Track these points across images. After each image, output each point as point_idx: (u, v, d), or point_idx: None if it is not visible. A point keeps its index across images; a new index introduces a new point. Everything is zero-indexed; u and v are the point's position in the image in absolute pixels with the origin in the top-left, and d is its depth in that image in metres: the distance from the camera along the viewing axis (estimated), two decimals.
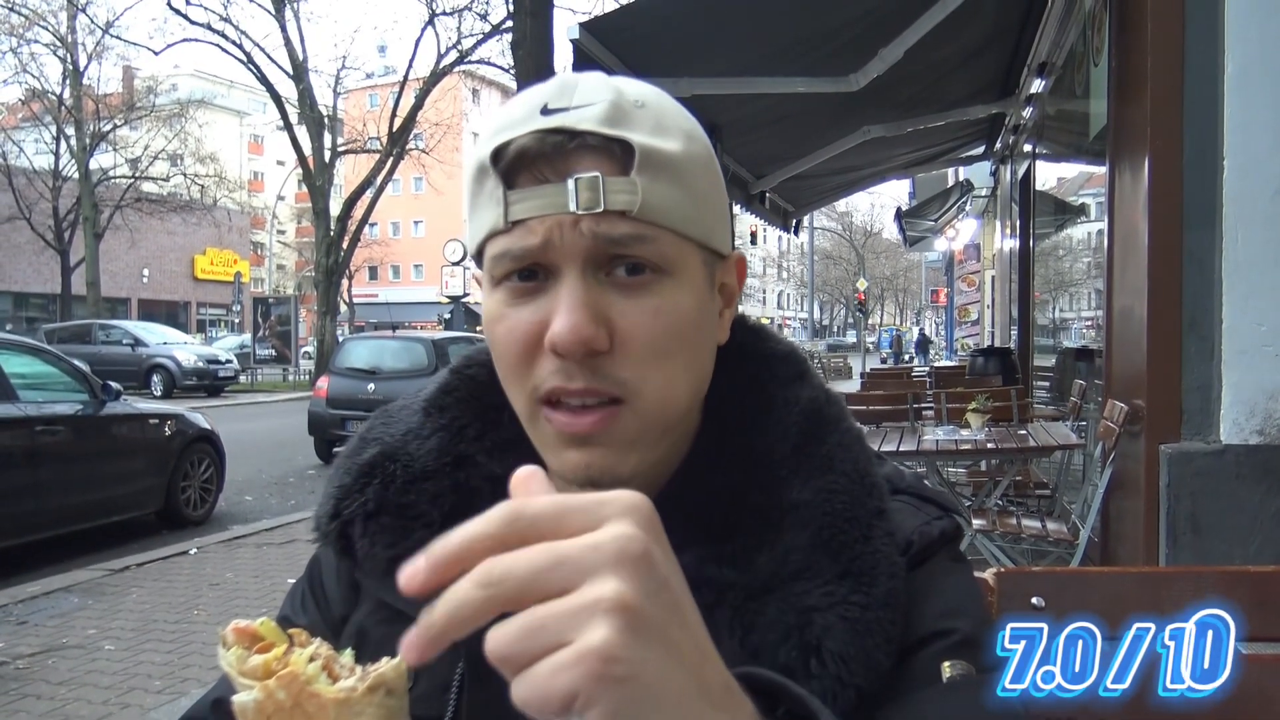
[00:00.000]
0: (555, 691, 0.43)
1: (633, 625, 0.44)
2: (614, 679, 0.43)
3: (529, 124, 0.70)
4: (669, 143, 0.72)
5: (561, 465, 0.73)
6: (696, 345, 0.74)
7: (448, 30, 27.86)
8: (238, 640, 0.70)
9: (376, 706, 0.67)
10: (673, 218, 0.71)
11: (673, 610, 0.47)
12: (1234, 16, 3.00)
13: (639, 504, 0.48)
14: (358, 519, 0.82)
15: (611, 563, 0.45)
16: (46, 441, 6.55)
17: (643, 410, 0.71)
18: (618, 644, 0.43)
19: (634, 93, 0.73)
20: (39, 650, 4.61)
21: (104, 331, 23.49)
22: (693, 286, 0.73)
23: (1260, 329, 2.97)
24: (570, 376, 0.69)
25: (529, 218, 0.69)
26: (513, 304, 0.72)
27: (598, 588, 0.44)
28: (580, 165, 0.69)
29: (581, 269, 0.69)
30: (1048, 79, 6.38)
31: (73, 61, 29.16)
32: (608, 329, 0.69)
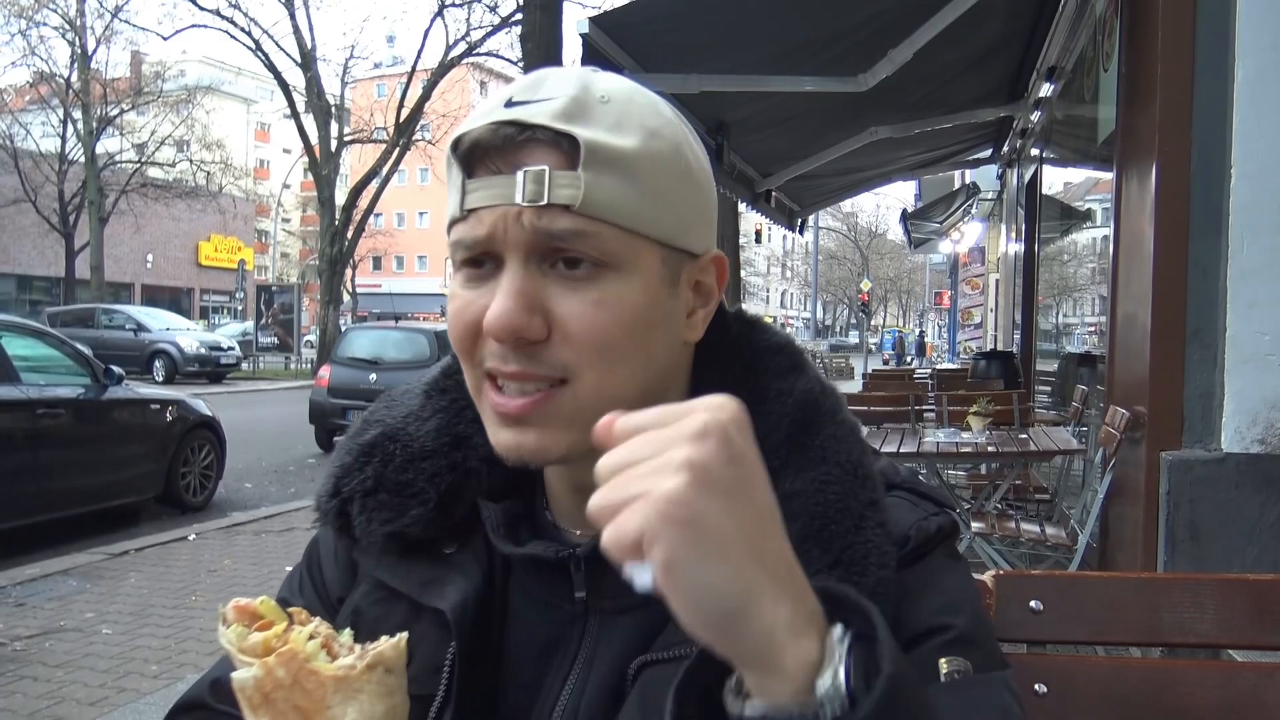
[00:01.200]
0: (628, 532, 0.51)
1: (700, 480, 0.51)
2: (676, 520, 0.50)
3: (490, 116, 0.72)
4: (624, 139, 0.72)
5: (496, 443, 0.75)
6: (644, 339, 0.74)
7: (457, 22, 27.94)
8: (238, 618, 0.70)
9: (375, 684, 0.67)
10: (619, 213, 0.71)
11: (741, 484, 0.53)
12: (1245, 25, 2.99)
13: (726, 401, 0.56)
14: (356, 496, 0.84)
15: (690, 435, 0.53)
16: (48, 424, 6.55)
17: (580, 394, 0.72)
18: (683, 491, 0.51)
19: (603, 88, 0.74)
20: (37, 632, 4.62)
21: (107, 316, 23.49)
22: (643, 282, 0.73)
23: (1264, 338, 2.97)
24: (505, 360, 0.72)
25: (479, 207, 0.71)
26: (464, 288, 0.74)
27: (676, 452, 0.52)
28: (530, 158, 0.70)
29: (524, 259, 0.71)
30: (1057, 83, 6.37)
31: (81, 45, 29.16)
32: (545, 318, 0.71)
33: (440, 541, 0.83)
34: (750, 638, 0.53)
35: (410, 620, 0.80)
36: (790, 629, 0.53)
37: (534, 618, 0.82)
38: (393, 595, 0.83)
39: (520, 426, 0.73)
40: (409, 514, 0.82)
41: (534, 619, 0.82)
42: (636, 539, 0.51)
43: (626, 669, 0.75)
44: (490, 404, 0.74)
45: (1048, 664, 1.16)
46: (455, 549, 0.83)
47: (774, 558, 0.54)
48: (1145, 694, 1.13)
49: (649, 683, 0.73)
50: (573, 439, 0.73)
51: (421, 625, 0.80)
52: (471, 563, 0.82)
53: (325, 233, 25.16)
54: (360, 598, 0.86)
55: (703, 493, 0.51)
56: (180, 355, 22.15)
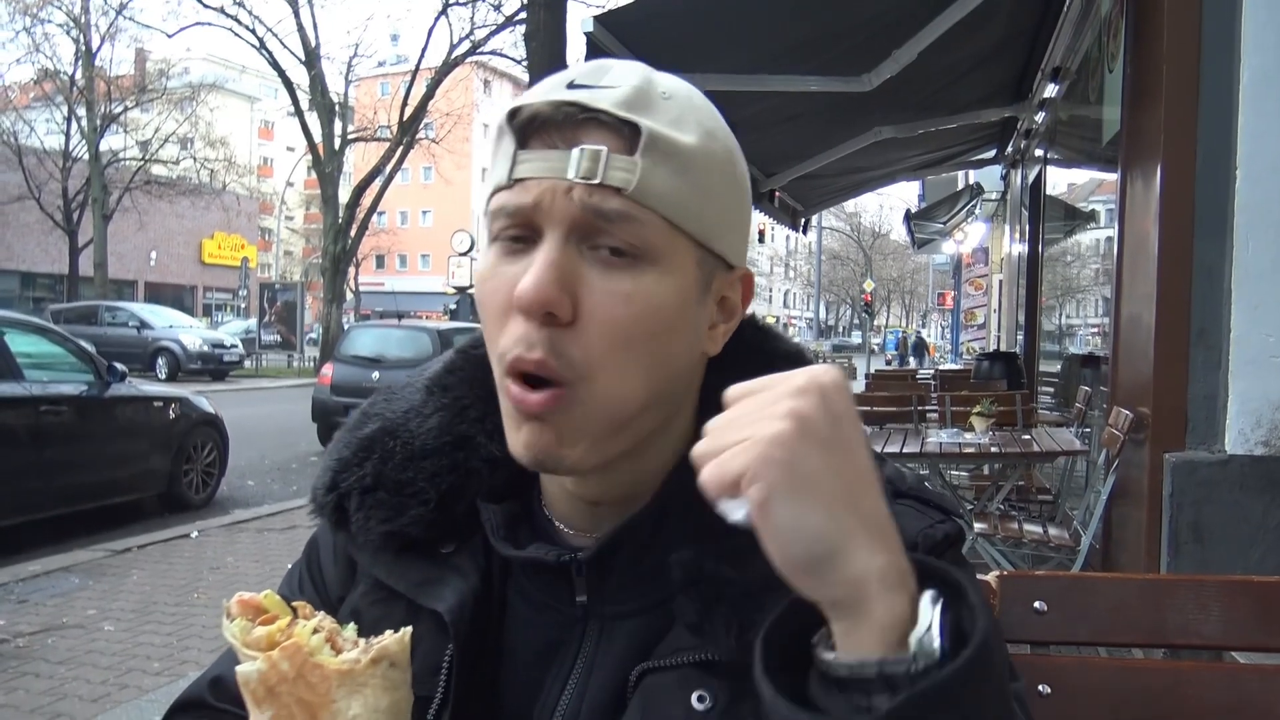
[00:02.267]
0: (730, 469, 0.54)
1: (803, 429, 0.55)
2: (775, 461, 0.54)
3: (551, 94, 0.71)
4: (683, 135, 0.72)
5: (514, 441, 0.74)
6: (666, 344, 0.74)
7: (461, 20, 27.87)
8: (242, 612, 0.70)
9: (379, 678, 0.67)
10: (667, 205, 0.71)
11: (840, 441, 0.56)
12: (1251, 25, 2.99)
13: (829, 367, 0.60)
14: (354, 493, 0.83)
15: (794, 390, 0.57)
16: (51, 421, 6.57)
17: (591, 400, 0.71)
18: (786, 435, 0.54)
19: (665, 85, 0.75)
20: (39, 629, 4.63)
21: (110, 313, 23.51)
22: (677, 282, 0.73)
23: (1269, 340, 2.96)
24: (530, 346, 0.70)
25: (529, 177, 0.71)
26: (500, 261, 0.73)
27: (780, 403, 0.56)
28: (589, 138, 0.70)
29: (564, 235, 0.70)
30: (1061, 84, 6.36)
31: (85, 42, 29.17)
32: (573, 300, 0.70)
33: (438, 541, 0.82)
34: (842, 583, 0.55)
35: (409, 621, 0.79)
36: (883, 581, 0.55)
37: (533, 620, 0.81)
38: (391, 596, 0.83)
39: (536, 424, 0.72)
40: (408, 514, 0.81)
41: (533, 621, 0.81)
42: (736, 477, 0.54)
43: (627, 675, 0.74)
44: (512, 397, 0.72)
45: (1051, 665, 1.16)
46: (453, 549, 0.82)
47: (870, 510, 0.57)
48: (1148, 695, 1.13)
49: (650, 690, 0.72)
50: (585, 445, 0.72)
51: (421, 625, 0.79)
52: (469, 563, 0.81)
53: (328, 231, 25.18)
54: (359, 598, 0.85)
55: (804, 439, 0.54)
56: (183, 353, 22.15)
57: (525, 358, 0.70)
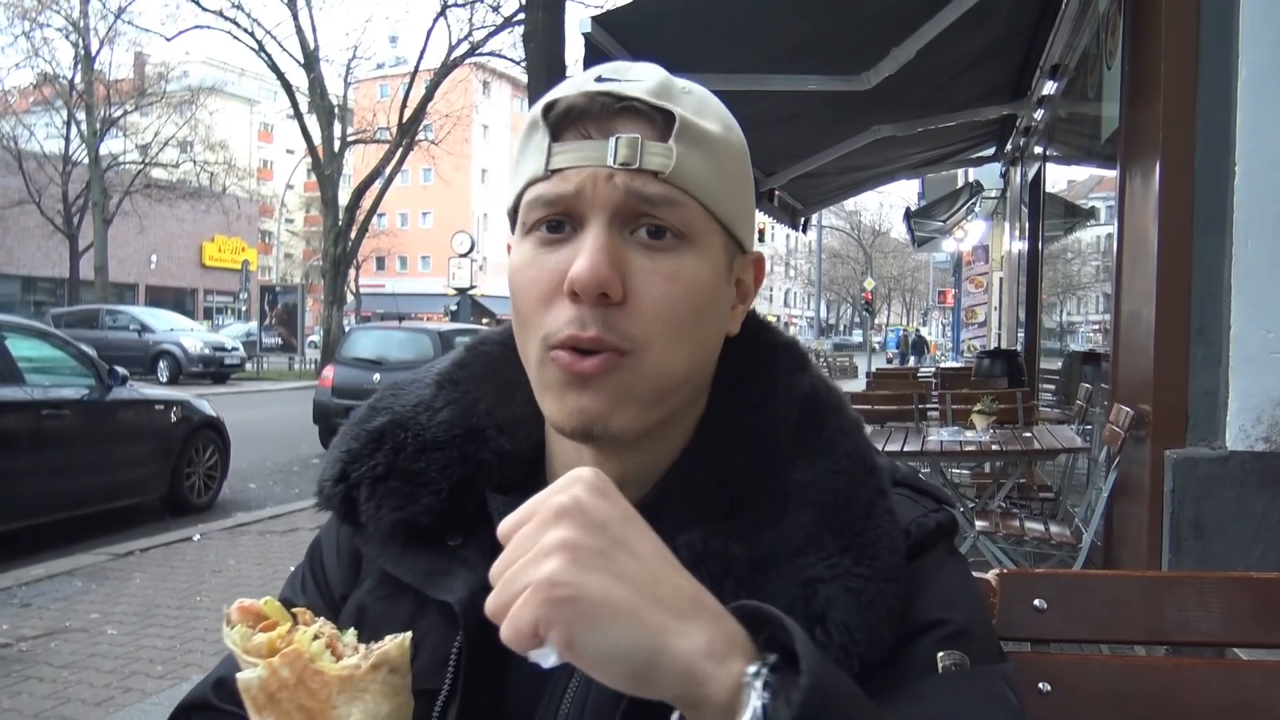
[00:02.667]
0: (523, 624, 0.54)
1: (573, 558, 0.55)
2: (560, 600, 0.54)
3: (582, 88, 0.74)
4: (708, 123, 0.76)
5: (561, 408, 0.75)
6: (706, 320, 0.77)
7: (459, 22, 27.92)
8: (242, 618, 0.70)
9: (380, 684, 0.68)
10: (701, 189, 0.74)
11: (615, 544, 0.57)
12: (1249, 21, 2.98)
13: (580, 473, 0.60)
14: (365, 482, 0.84)
15: (551, 520, 0.57)
16: (52, 425, 6.57)
17: (643, 367, 0.73)
18: (559, 572, 0.54)
19: (682, 82, 0.78)
20: (42, 633, 4.63)
21: (111, 317, 23.52)
22: (711, 263, 0.76)
23: (1269, 336, 2.96)
24: (584, 325, 0.72)
25: (567, 167, 0.73)
26: (538, 251, 0.75)
27: (545, 538, 0.56)
28: (624, 126, 0.73)
29: (609, 220, 0.72)
30: (1060, 81, 6.36)
31: (84, 46, 29.20)
32: (623, 281, 0.72)
33: (446, 533, 0.83)
34: (673, 679, 0.55)
35: (416, 614, 0.81)
36: (710, 655, 0.55)
37: None
38: (398, 590, 0.83)
39: (587, 389, 0.73)
40: (420, 502, 0.82)
41: None
42: (533, 629, 0.54)
43: None
44: (561, 363, 0.73)
45: (1052, 663, 1.16)
46: (460, 541, 0.83)
47: (673, 597, 0.57)
48: (1150, 693, 1.13)
49: None
50: (633, 412, 0.74)
51: (427, 619, 0.80)
52: (477, 555, 0.81)
53: (329, 233, 25.20)
54: (365, 594, 0.86)
55: (578, 568, 0.55)
56: (184, 356, 22.17)
57: (580, 335, 0.72)
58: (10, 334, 6.73)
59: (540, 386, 0.77)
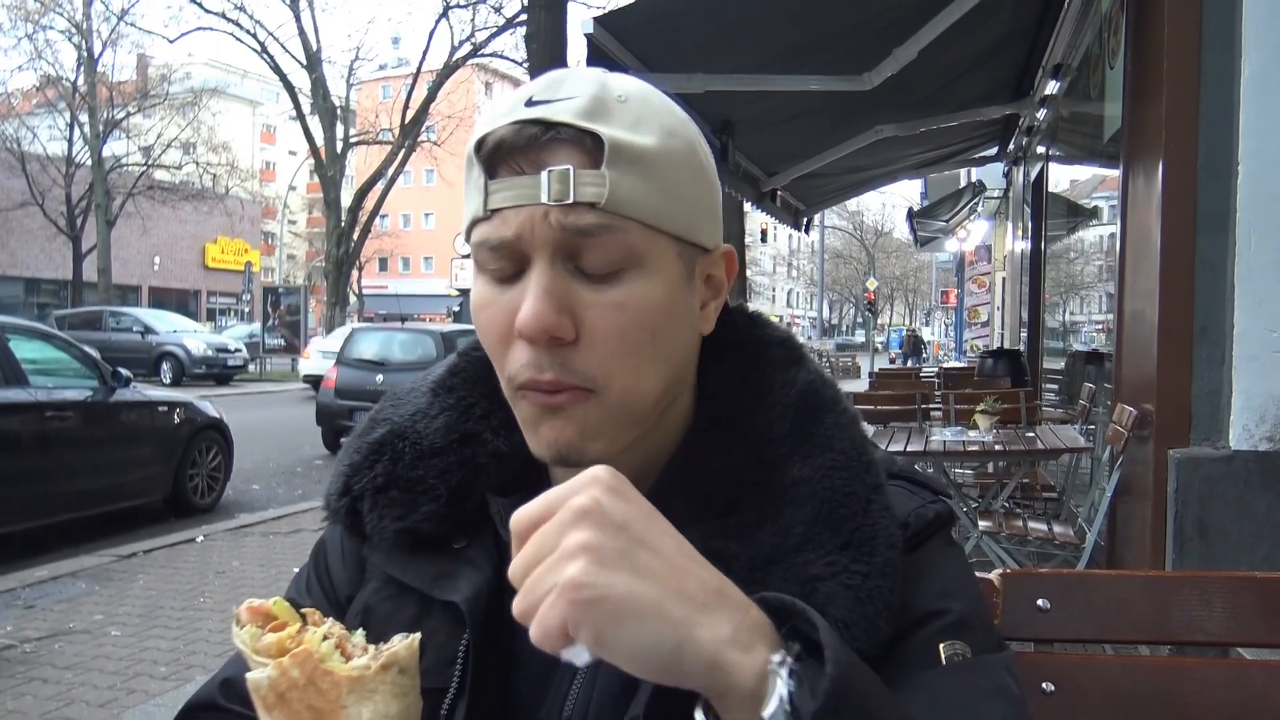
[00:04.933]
0: (551, 626, 0.55)
1: (596, 559, 0.56)
2: (586, 602, 0.55)
3: (511, 115, 0.72)
4: (643, 137, 0.73)
5: (537, 441, 0.76)
6: (667, 336, 0.76)
7: (461, 23, 27.99)
8: (251, 619, 0.70)
9: (389, 684, 0.68)
10: (642, 210, 0.72)
11: (636, 542, 0.58)
12: (1251, 20, 2.98)
13: (596, 473, 0.61)
14: (367, 494, 0.84)
15: (571, 522, 0.57)
16: (56, 427, 6.57)
17: (608, 403, 0.73)
18: (583, 574, 0.55)
19: (620, 88, 0.75)
20: (46, 634, 4.64)
21: (114, 318, 23.54)
22: (664, 278, 0.74)
23: (1272, 335, 2.96)
24: (540, 369, 0.72)
25: (505, 207, 0.72)
26: (492, 290, 0.75)
27: (567, 540, 0.57)
28: (554, 158, 0.71)
29: (550, 259, 0.71)
30: (1063, 81, 6.35)
31: (87, 48, 29.26)
32: (573, 320, 0.71)
33: (450, 536, 0.84)
34: (700, 668, 0.56)
35: (421, 615, 0.81)
36: (734, 644, 0.56)
37: None
38: (403, 591, 0.84)
39: (559, 419, 0.73)
40: (420, 510, 0.82)
41: None
42: (561, 629, 0.55)
43: None
44: (533, 399, 0.74)
45: (1055, 663, 1.15)
46: (465, 543, 0.83)
47: (697, 590, 0.58)
48: (1153, 693, 1.13)
49: None
50: (606, 441, 0.74)
51: (433, 619, 0.80)
52: (482, 556, 0.82)
53: (331, 234, 25.25)
54: (370, 595, 0.86)
55: (601, 568, 0.56)
56: (187, 357, 22.18)
57: (539, 379, 0.72)
58: (14, 336, 6.74)
59: (521, 421, 0.77)
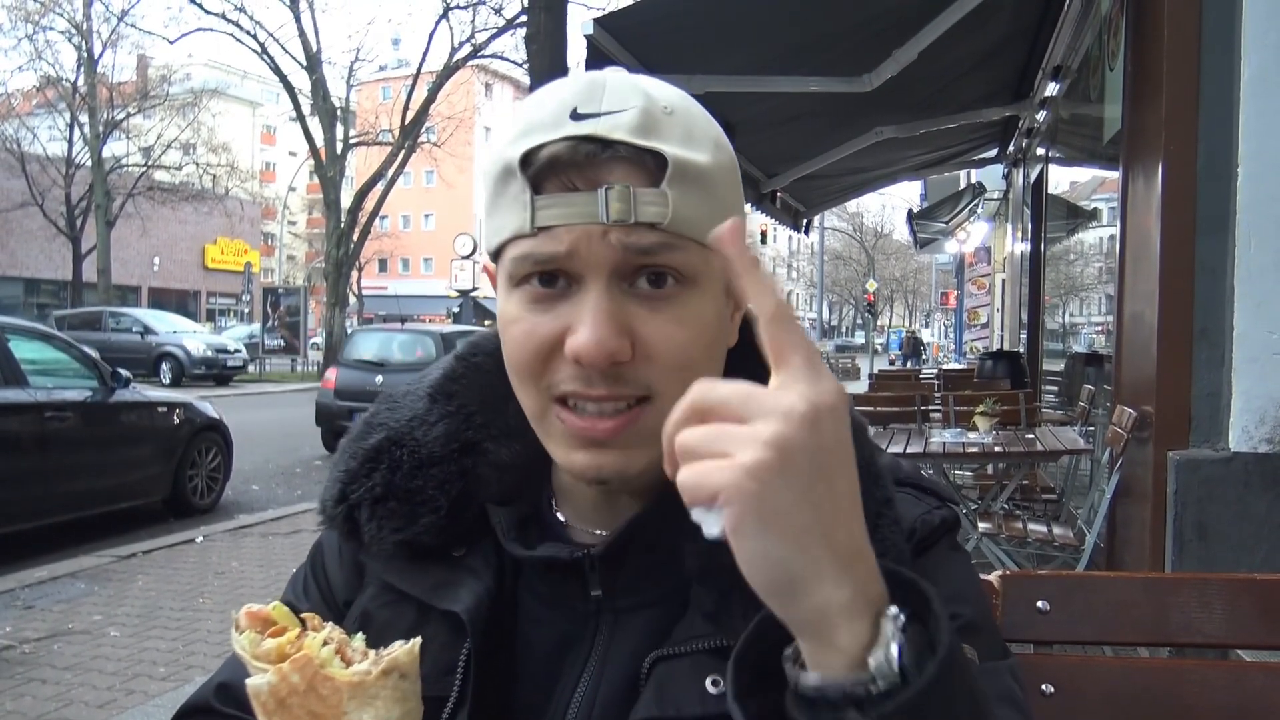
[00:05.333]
0: (707, 485, 0.54)
1: (781, 460, 0.53)
2: (747, 491, 0.53)
3: (560, 129, 0.70)
4: (699, 154, 0.72)
5: (570, 463, 0.74)
6: (715, 351, 0.76)
7: (461, 24, 27.96)
8: (250, 624, 0.70)
9: (390, 689, 0.68)
10: (700, 229, 0.71)
11: (821, 472, 0.55)
12: (1251, 22, 2.98)
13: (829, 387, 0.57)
14: (365, 503, 0.83)
15: (783, 413, 0.54)
16: (55, 427, 6.58)
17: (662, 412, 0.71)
18: (762, 466, 0.53)
19: (662, 98, 0.73)
20: (45, 635, 4.64)
21: (114, 319, 23.56)
22: (713, 296, 0.75)
23: (1272, 337, 2.96)
24: (590, 383, 0.71)
25: (556, 225, 0.69)
26: (532, 308, 0.72)
27: (767, 426, 0.54)
28: (611, 175, 0.69)
29: (607, 280, 0.70)
30: (1062, 82, 6.35)
31: (87, 49, 29.25)
32: (630, 339, 0.70)
33: (449, 545, 0.83)
34: (806, 610, 0.55)
35: (419, 622, 0.81)
36: (846, 611, 0.55)
37: (546, 617, 0.82)
38: (401, 598, 0.83)
39: (602, 449, 0.72)
40: (420, 522, 0.81)
41: (546, 618, 0.82)
42: (712, 493, 0.54)
43: (640, 664, 0.75)
44: (570, 427, 0.72)
45: (1055, 664, 1.16)
46: (465, 552, 0.83)
47: (843, 543, 0.56)
48: (1153, 694, 1.13)
49: (664, 677, 0.73)
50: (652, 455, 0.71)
51: (431, 627, 0.80)
52: (482, 565, 0.82)
53: (331, 235, 25.24)
54: (368, 600, 0.86)
55: (781, 474, 0.53)
56: (187, 358, 22.20)
57: (587, 393, 0.71)
58: (13, 336, 6.74)
59: (544, 434, 0.76)
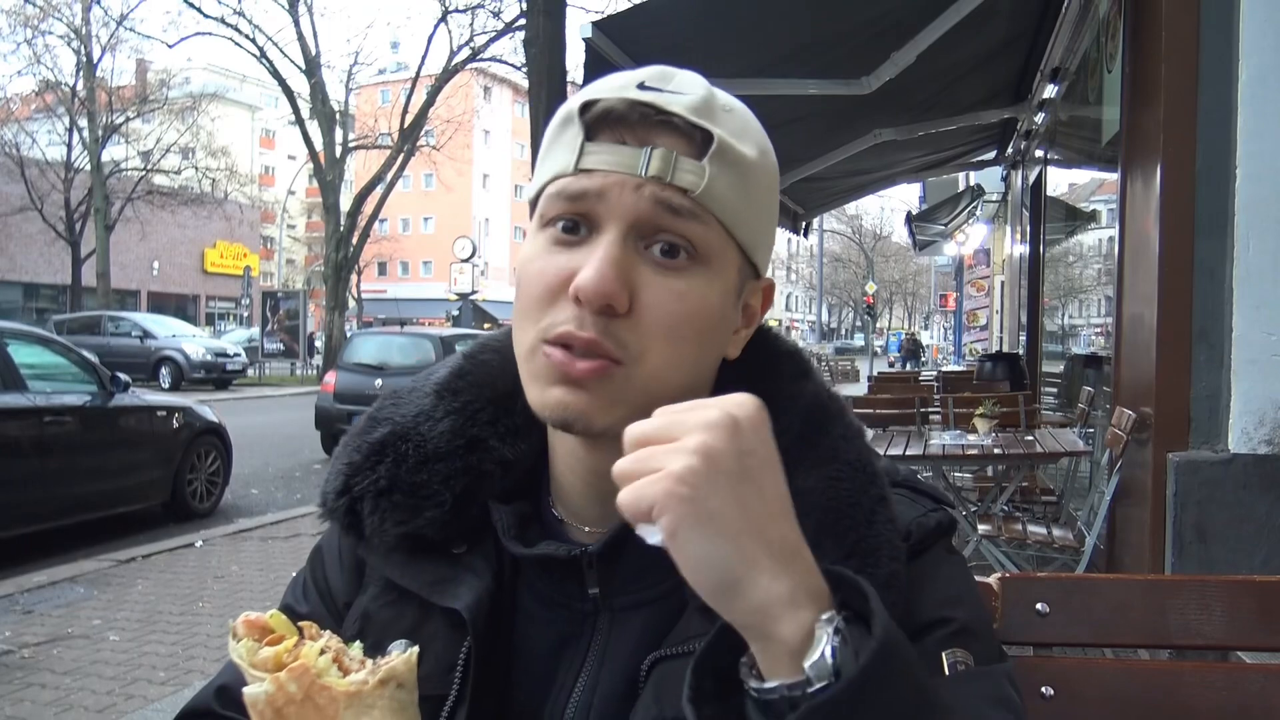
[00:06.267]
0: (643, 499, 0.58)
1: (709, 466, 0.58)
2: (680, 496, 0.57)
3: (624, 92, 0.74)
4: (745, 146, 0.75)
5: (543, 399, 0.75)
6: (707, 340, 0.77)
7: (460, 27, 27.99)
8: (248, 632, 0.70)
9: (387, 699, 0.68)
10: (727, 212, 0.74)
11: (748, 474, 0.59)
12: (1249, 24, 2.99)
13: (747, 399, 0.62)
14: (368, 496, 0.83)
15: (704, 425, 0.59)
16: (55, 432, 6.58)
17: (636, 376, 0.74)
18: (690, 471, 0.57)
19: (725, 100, 0.78)
20: (44, 640, 4.63)
21: (113, 323, 23.55)
22: (722, 286, 0.76)
23: (1271, 338, 2.96)
24: (582, 325, 0.72)
25: (596, 169, 0.73)
26: (550, 249, 0.75)
27: (692, 437, 0.59)
28: (660, 139, 0.73)
29: (624, 232, 0.73)
30: (1061, 84, 6.36)
31: (86, 53, 29.25)
32: (631, 294, 0.72)
33: (450, 541, 0.83)
34: (747, 608, 0.58)
35: (421, 621, 0.81)
36: (787, 603, 0.58)
37: (545, 616, 0.82)
38: (402, 597, 0.84)
39: (573, 388, 0.73)
40: (423, 515, 0.82)
41: (545, 617, 0.82)
42: (648, 509, 0.57)
43: (639, 665, 0.75)
44: (553, 359, 0.74)
45: (1054, 666, 1.15)
46: (465, 549, 0.83)
47: (777, 540, 0.59)
48: (1152, 696, 1.13)
49: (662, 678, 0.73)
50: (618, 415, 0.73)
51: (432, 625, 0.80)
52: (482, 563, 0.82)
53: (330, 238, 25.25)
54: (369, 601, 0.86)
55: (709, 477, 0.57)
56: (186, 362, 22.19)
57: (577, 334, 0.72)
58: (13, 340, 6.74)
59: (527, 374, 0.77)
